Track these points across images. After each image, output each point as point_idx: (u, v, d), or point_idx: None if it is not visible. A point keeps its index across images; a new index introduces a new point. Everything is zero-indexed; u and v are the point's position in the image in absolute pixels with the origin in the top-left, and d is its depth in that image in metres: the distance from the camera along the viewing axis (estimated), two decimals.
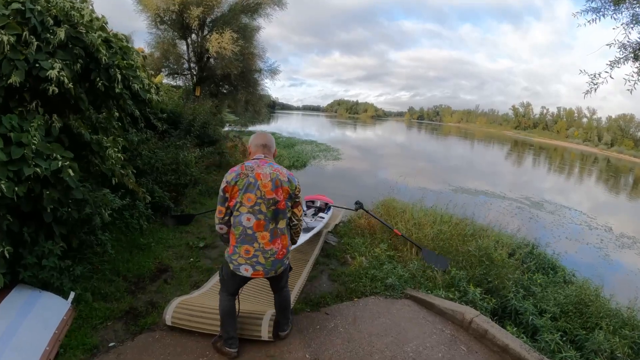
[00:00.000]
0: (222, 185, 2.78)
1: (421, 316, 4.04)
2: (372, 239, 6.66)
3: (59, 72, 3.88)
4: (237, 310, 3.19)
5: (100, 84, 4.59)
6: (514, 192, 17.13)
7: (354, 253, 5.84)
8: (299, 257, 5.51)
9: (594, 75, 4.84)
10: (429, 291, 4.67)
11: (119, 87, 4.76)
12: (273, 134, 30.10)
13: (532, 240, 8.28)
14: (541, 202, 15.82)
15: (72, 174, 3.56)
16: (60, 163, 3.52)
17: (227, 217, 2.83)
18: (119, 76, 4.66)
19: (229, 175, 2.77)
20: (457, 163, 29.81)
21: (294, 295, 4.28)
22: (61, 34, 4.05)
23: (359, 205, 7.02)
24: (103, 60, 4.56)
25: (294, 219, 3.00)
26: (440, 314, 4.09)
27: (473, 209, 8.93)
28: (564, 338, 4.29)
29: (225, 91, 22.57)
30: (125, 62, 4.94)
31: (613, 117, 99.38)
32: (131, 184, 4.71)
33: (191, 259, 5.09)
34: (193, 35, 20.13)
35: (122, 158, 4.66)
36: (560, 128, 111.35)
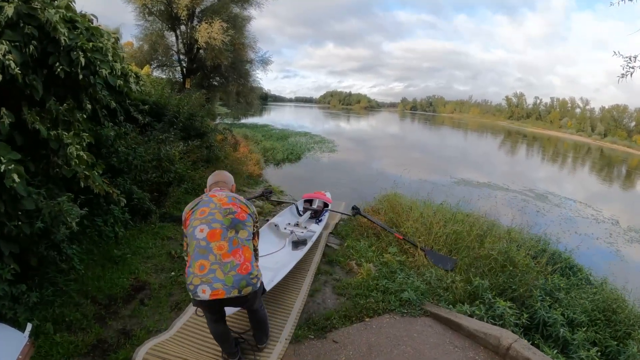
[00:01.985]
0: (183, 216, 2.59)
1: (447, 340, 3.40)
2: (378, 240, 6.03)
3: (4, 55, 3.20)
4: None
5: (59, 69, 3.89)
6: (516, 183, 16.57)
7: (359, 259, 5.22)
8: (297, 266, 4.86)
9: (630, 59, 4.40)
10: (451, 305, 4.05)
11: (83, 72, 4.07)
12: (265, 126, 29.50)
13: (543, 236, 7.67)
14: (545, 194, 15.28)
15: (17, 179, 2.87)
16: (3, 167, 2.83)
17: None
18: (83, 60, 3.96)
19: (187, 206, 2.61)
20: (455, 154, 29.18)
21: (293, 316, 3.69)
22: (9, 10, 3.39)
23: (356, 210, 6.76)
24: (63, 41, 3.86)
25: None
26: (469, 336, 3.45)
27: (479, 203, 8.35)
28: (597, 351, 3.76)
29: (216, 83, 22.15)
30: (91, 43, 4.23)
31: (606, 107, 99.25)
32: (97, 187, 4.01)
33: (172, 273, 4.38)
34: (182, 27, 19.72)
35: (86, 157, 3.96)
36: (554, 118, 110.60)
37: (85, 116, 4.37)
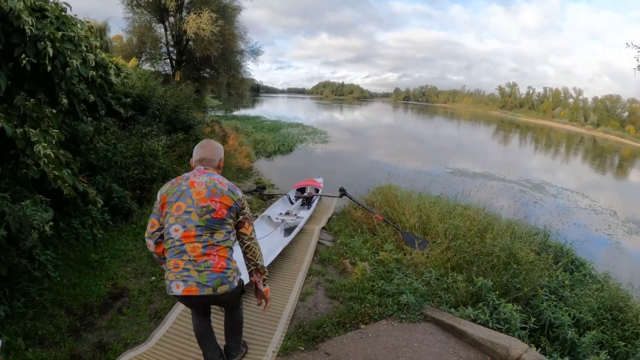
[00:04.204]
0: (157, 197, 2.41)
1: (451, 350, 3.14)
2: (374, 236, 5.78)
3: None
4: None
5: (25, 61, 3.57)
6: (512, 173, 16.38)
7: (354, 257, 4.95)
8: (287, 267, 4.63)
9: None
10: (453, 308, 3.80)
11: (52, 64, 3.75)
12: (257, 117, 29.09)
13: (543, 228, 7.47)
14: (542, 185, 15.09)
15: None
16: None
17: (158, 233, 2.43)
18: (50, 50, 3.65)
19: (164, 187, 2.41)
20: (449, 144, 28.98)
21: (282, 324, 3.42)
22: None
23: (342, 192, 7.08)
24: (28, 30, 3.55)
25: (244, 240, 2.49)
26: (474, 345, 3.20)
27: (477, 195, 8.11)
28: (605, 353, 3.55)
29: (206, 75, 21.87)
30: (61, 33, 3.90)
31: (599, 98, 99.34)
32: (66, 189, 3.70)
33: (153, 278, 4.08)
34: (171, 18, 19.38)
35: (57, 155, 3.65)
36: (547, 108, 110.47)
37: (55, 111, 4.03)
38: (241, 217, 2.44)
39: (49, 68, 3.72)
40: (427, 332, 3.41)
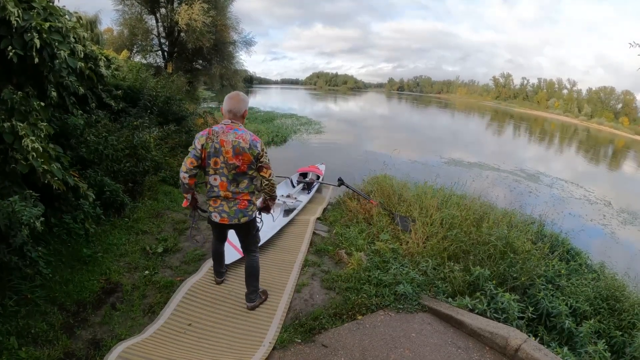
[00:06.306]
0: (196, 144, 3.08)
1: (449, 340, 3.12)
2: (369, 226, 5.75)
3: None
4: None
5: (12, 53, 3.47)
6: (507, 163, 16.37)
7: (349, 248, 4.91)
8: (283, 258, 4.60)
9: None
10: (450, 298, 3.78)
11: (39, 55, 3.65)
12: (250, 109, 28.85)
13: (538, 218, 7.47)
14: (536, 175, 15.14)
15: None
16: None
17: (195, 170, 3.11)
18: (37, 42, 3.55)
19: (201, 138, 3.08)
20: (444, 134, 28.96)
21: (278, 316, 3.40)
22: None
23: (341, 181, 7.27)
24: (14, 22, 3.45)
25: (263, 181, 3.29)
26: (473, 335, 3.18)
27: (473, 185, 8.09)
28: (604, 342, 3.57)
29: (199, 66, 21.60)
30: (48, 24, 3.80)
31: (593, 89, 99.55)
32: (55, 183, 3.61)
33: (146, 272, 4.02)
34: (162, 9, 19.00)
35: (43, 149, 3.56)
36: (541, 99, 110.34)
37: (43, 104, 3.93)
38: (259, 164, 3.15)
39: (37, 60, 3.62)
40: (424, 322, 3.39)
